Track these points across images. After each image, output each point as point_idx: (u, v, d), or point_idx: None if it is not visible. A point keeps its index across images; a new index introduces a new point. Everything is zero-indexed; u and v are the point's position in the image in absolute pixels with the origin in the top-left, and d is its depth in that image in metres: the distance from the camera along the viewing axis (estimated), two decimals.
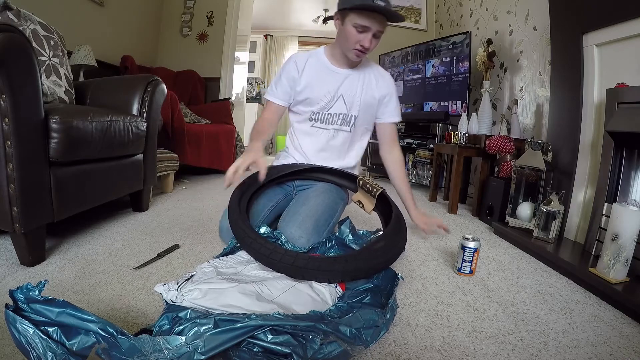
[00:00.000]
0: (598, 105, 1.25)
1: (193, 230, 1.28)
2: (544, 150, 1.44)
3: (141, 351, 0.45)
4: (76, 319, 0.48)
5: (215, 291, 0.68)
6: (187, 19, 3.43)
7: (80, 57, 2.18)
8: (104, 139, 1.11)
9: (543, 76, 1.85)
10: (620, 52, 1.18)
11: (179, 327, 0.53)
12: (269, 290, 0.73)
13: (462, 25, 2.84)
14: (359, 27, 1.05)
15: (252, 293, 0.70)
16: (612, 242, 0.93)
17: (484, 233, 1.53)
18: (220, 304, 0.65)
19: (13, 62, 0.79)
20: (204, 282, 0.72)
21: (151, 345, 0.46)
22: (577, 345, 0.71)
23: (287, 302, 0.71)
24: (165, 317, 0.57)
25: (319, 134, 1.27)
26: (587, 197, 1.27)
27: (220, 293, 0.68)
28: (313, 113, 1.24)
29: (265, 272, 0.83)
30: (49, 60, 1.26)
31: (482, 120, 2.10)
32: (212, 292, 0.68)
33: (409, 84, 2.99)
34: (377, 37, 1.09)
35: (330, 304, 0.76)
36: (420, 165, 2.79)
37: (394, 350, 0.66)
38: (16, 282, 0.81)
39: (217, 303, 0.65)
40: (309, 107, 1.23)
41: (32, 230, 0.88)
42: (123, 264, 0.95)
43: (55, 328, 0.47)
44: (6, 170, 0.81)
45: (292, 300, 0.72)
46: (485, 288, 0.95)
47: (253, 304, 0.67)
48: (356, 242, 1.04)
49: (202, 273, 0.78)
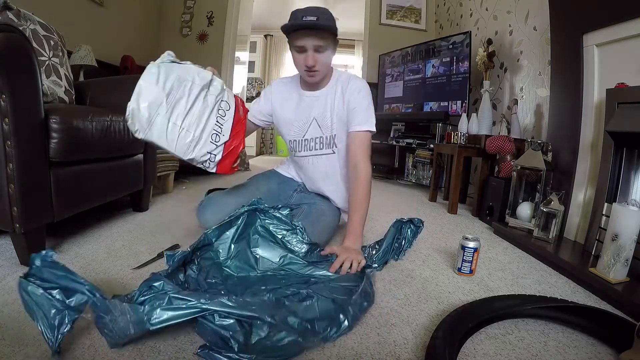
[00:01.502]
0: (598, 105, 1.25)
1: (193, 230, 1.28)
2: (544, 150, 1.44)
3: (112, 311, 0.57)
4: (73, 282, 0.59)
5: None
6: (187, 19, 3.43)
7: (80, 57, 2.17)
8: (104, 139, 1.11)
9: (543, 76, 1.85)
10: (620, 52, 1.18)
11: (144, 297, 0.62)
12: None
13: (462, 25, 2.84)
14: (297, 49, 1.06)
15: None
16: (612, 242, 0.93)
17: (484, 233, 1.53)
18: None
19: (13, 62, 0.80)
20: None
21: (119, 308, 0.57)
22: (577, 345, 0.71)
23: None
24: (145, 284, 0.66)
25: (302, 163, 1.28)
26: (587, 197, 1.27)
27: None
28: (291, 142, 1.27)
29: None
30: (49, 60, 1.26)
31: (482, 120, 2.10)
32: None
33: (409, 84, 2.99)
34: (320, 52, 1.05)
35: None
36: (420, 165, 2.79)
37: (394, 350, 0.66)
38: (16, 282, 0.81)
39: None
40: (287, 135, 1.27)
41: (32, 230, 0.88)
42: (123, 264, 0.95)
43: (57, 290, 0.59)
44: (6, 170, 0.81)
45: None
46: (485, 288, 0.95)
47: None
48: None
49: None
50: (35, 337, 0.61)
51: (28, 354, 0.58)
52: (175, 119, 0.90)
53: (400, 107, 3.08)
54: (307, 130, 1.22)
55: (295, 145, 1.26)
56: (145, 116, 0.86)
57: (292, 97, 1.25)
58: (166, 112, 0.88)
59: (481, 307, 0.77)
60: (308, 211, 1.17)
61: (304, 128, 1.23)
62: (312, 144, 1.23)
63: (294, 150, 1.28)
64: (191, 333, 0.66)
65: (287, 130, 1.26)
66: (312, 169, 1.27)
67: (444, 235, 1.45)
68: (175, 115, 0.90)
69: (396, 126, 3.14)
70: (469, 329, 0.69)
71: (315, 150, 1.23)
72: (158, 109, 0.87)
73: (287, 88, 1.26)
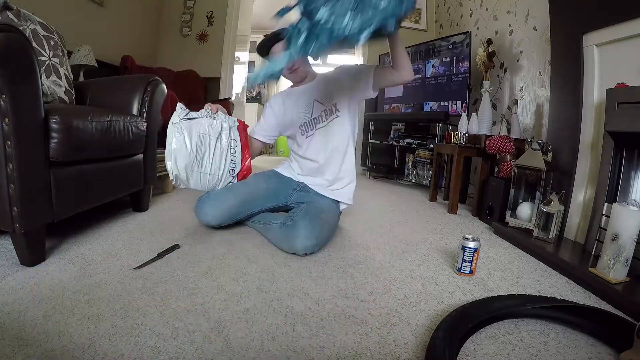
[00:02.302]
0: (598, 105, 1.25)
1: (193, 230, 1.28)
2: (544, 150, 1.44)
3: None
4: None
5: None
6: (187, 19, 3.43)
7: (80, 57, 2.18)
8: (104, 139, 1.11)
9: (543, 76, 1.85)
10: (620, 52, 1.18)
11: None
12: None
13: (462, 25, 2.84)
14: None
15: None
16: (612, 242, 0.93)
17: (484, 233, 1.53)
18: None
19: (13, 62, 0.79)
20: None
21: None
22: (577, 345, 0.71)
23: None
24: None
25: (315, 140, 1.35)
26: (587, 197, 1.27)
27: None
28: (301, 126, 1.36)
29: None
30: (49, 60, 1.26)
31: (482, 120, 2.10)
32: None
33: (409, 84, 2.99)
34: (290, 70, 1.29)
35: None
36: (420, 165, 2.79)
37: (393, 350, 0.66)
38: (16, 282, 0.81)
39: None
40: (297, 122, 1.36)
41: (32, 230, 0.88)
42: (123, 264, 0.95)
43: None
44: (6, 170, 0.81)
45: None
46: (485, 288, 0.95)
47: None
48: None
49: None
50: (35, 337, 0.61)
51: (28, 354, 0.58)
52: (204, 169, 1.23)
53: (400, 107, 3.08)
54: (312, 110, 1.33)
55: (307, 127, 1.35)
56: (184, 175, 1.20)
57: (290, 97, 1.39)
58: (197, 167, 1.22)
59: (481, 307, 0.77)
60: (307, 209, 1.18)
61: (309, 109, 1.33)
62: (318, 119, 1.34)
63: (305, 131, 1.36)
64: (191, 333, 0.66)
65: (296, 120, 1.36)
66: (324, 140, 1.34)
67: (444, 235, 1.45)
68: (204, 166, 1.23)
69: (396, 126, 3.14)
70: (469, 329, 0.69)
71: (323, 122, 1.33)
72: (192, 167, 1.20)
73: (282, 95, 1.43)
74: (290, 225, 1.11)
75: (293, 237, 1.08)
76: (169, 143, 1.17)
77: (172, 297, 0.79)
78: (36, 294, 0.76)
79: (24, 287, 0.79)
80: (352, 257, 1.12)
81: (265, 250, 1.14)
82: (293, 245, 1.08)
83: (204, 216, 1.24)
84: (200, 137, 1.20)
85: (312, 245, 1.08)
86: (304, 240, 1.07)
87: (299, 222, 1.10)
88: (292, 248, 1.08)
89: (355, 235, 1.36)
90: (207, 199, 1.25)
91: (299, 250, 1.07)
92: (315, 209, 1.20)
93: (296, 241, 1.07)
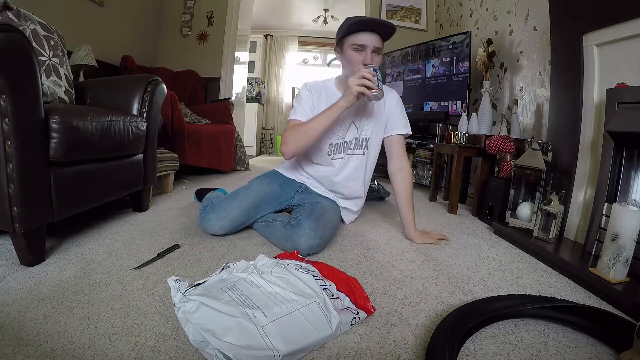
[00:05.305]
0: (598, 105, 1.25)
1: (193, 230, 1.28)
2: (544, 150, 1.44)
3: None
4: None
5: (206, 311, 0.63)
6: (187, 19, 3.43)
7: (80, 57, 2.18)
8: (104, 139, 1.11)
9: (543, 76, 1.85)
10: (620, 52, 1.18)
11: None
12: (262, 315, 0.62)
13: (462, 25, 2.84)
14: (357, 46, 1.12)
15: (241, 315, 0.62)
16: (612, 242, 0.93)
17: (484, 233, 1.53)
18: (203, 328, 0.59)
19: (13, 62, 0.80)
20: (203, 295, 0.67)
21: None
22: (577, 345, 0.71)
23: (278, 331, 0.60)
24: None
25: (334, 163, 1.30)
26: (587, 197, 1.27)
27: (207, 314, 0.62)
28: (331, 145, 1.28)
29: (274, 286, 0.72)
30: (49, 60, 1.26)
31: (482, 120, 2.10)
32: (202, 311, 0.63)
33: (409, 84, 2.99)
34: (377, 54, 1.15)
35: (334, 329, 0.66)
36: (420, 165, 2.79)
37: (393, 350, 0.66)
38: (16, 282, 0.81)
39: (201, 326, 0.60)
40: (327, 138, 1.26)
41: (32, 230, 0.88)
42: (123, 264, 0.95)
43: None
44: (6, 170, 0.81)
45: (284, 330, 0.61)
46: (486, 288, 0.95)
47: (233, 328, 0.59)
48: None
49: (210, 284, 0.73)
50: (35, 337, 0.61)
51: (28, 354, 0.58)
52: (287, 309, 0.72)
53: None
54: (347, 132, 1.27)
55: (335, 149, 1.28)
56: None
57: (332, 98, 1.21)
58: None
59: (481, 307, 0.77)
60: (311, 209, 1.19)
61: (344, 130, 1.27)
62: (350, 145, 1.29)
63: (333, 153, 1.29)
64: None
65: (331, 134, 1.25)
66: (339, 169, 1.30)
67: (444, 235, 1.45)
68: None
69: None
70: (469, 329, 0.69)
71: (350, 150, 1.28)
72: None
73: (327, 96, 1.26)
74: (295, 225, 1.11)
75: (297, 236, 1.08)
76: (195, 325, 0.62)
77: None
78: (36, 294, 0.76)
79: (24, 287, 0.79)
80: (352, 257, 1.12)
81: (265, 250, 1.14)
82: (297, 245, 1.07)
83: (210, 227, 1.20)
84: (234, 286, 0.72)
85: (316, 244, 1.08)
86: (309, 239, 1.07)
87: (303, 222, 1.10)
88: (295, 247, 1.08)
89: (355, 236, 1.36)
90: (212, 209, 1.22)
91: (303, 249, 1.07)
92: (319, 209, 1.20)
93: (300, 240, 1.07)
